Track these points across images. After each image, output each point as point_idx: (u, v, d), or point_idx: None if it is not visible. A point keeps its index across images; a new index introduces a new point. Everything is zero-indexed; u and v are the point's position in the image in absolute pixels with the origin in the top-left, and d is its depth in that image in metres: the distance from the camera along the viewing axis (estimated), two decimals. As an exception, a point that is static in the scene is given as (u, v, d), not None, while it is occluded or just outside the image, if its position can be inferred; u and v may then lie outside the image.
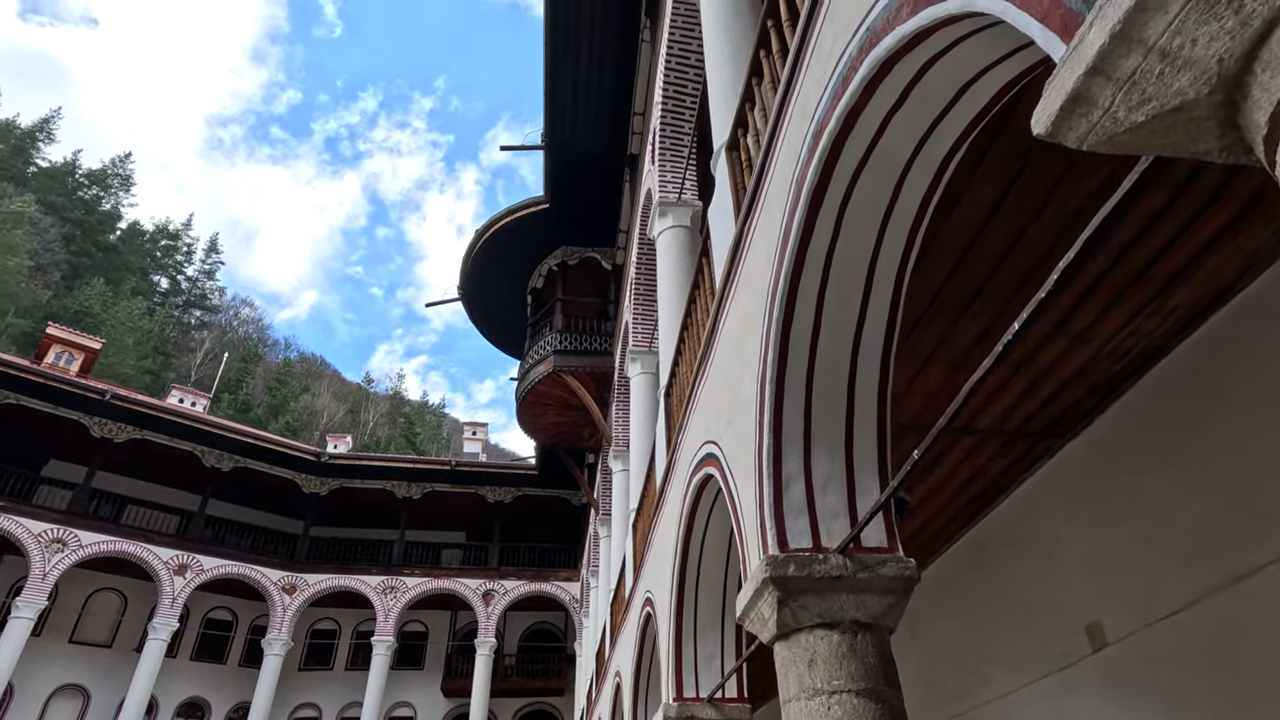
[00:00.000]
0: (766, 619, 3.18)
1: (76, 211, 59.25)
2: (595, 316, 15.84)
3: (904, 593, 3.12)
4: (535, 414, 16.50)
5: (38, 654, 20.27)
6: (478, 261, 16.62)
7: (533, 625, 26.95)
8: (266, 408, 55.45)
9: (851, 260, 3.17)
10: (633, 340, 11.15)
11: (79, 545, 19.35)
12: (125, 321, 46.06)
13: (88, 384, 20.91)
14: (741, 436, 3.81)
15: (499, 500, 24.48)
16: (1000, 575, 6.38)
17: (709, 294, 5.22)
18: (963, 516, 6.76)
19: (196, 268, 69.14)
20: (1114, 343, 4.72)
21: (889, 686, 2.95)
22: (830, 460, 3.34)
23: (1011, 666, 6.18)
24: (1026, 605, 6.06)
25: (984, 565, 6.58)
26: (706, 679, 5.64)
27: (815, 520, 3.27)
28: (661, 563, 6.53)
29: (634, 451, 10.38)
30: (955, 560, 7.13)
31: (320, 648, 25.24)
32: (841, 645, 2.99)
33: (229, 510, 23.61)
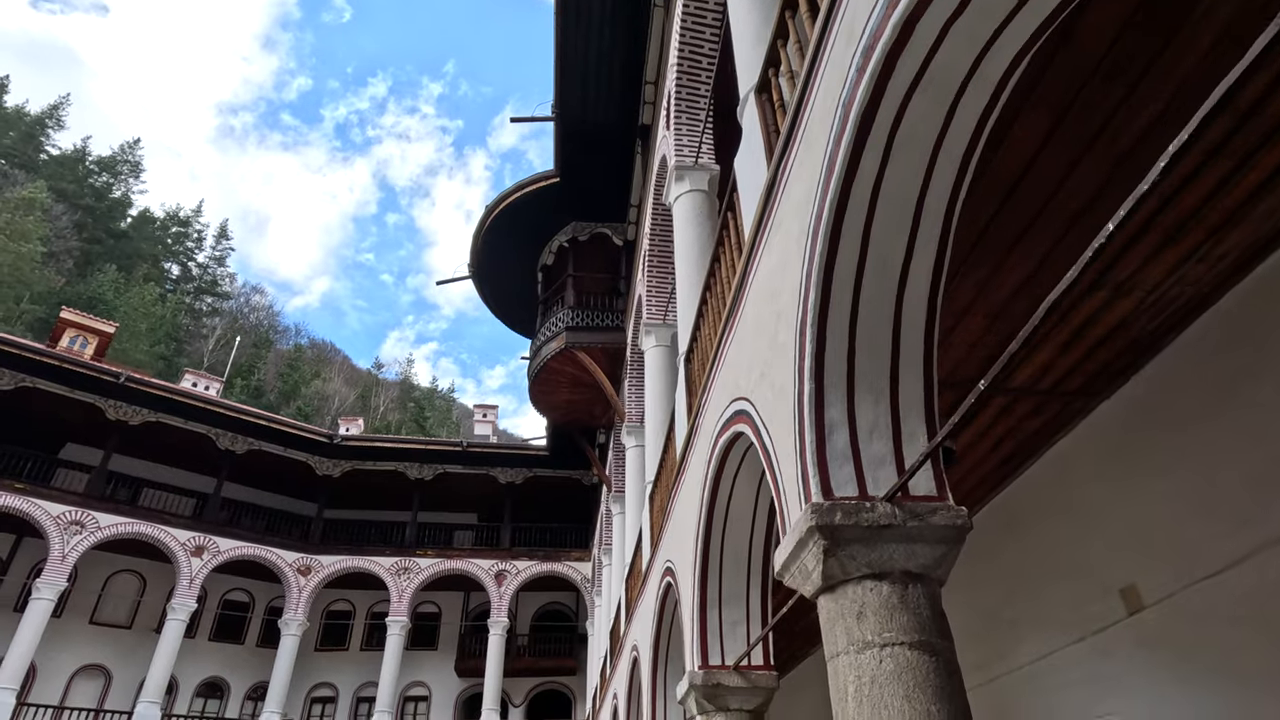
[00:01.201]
0: (810, 571, 3.04)
1: (87, 198, 59.34)
2: (607, 293, 15.66)
3: (956, 542, 2.97)
4: (547, 391, 16.38)
5: (59, 635, 20.46)
6: (488, 239, 16.44)
7: (544, 606, 27.01)
8: (279, 393, 55.67)
9: (900, 193, 2.99)
10: (646, 313, 10.98)
11: (97, 527, 19.45)
12: (138, 307, 46.19)
13: (102, 367, 20.94)
14: (777, 388, 3.65)
15: (510, 481, 24.46)
16: (1030, 540, 6.23)
17: (734, 250, 5.05)
18: (991, 480, 6.60)
19: (207, 254, 69.34)
20: (1159, 292, 4.53)
21: (942, 639, 2.81)
22: (875, 406, 3.18)
23: (1043, 632, 6.04)
24: (1058, 569, 5.91)
25: (1013, 530, 6.42)
26: (732, 647, 5.52)
27: (861, 468, 3.11)
28: (683, 531, 6.40)
29: (649, 425, 10.24)
30: (983, 525, 6.96)
31: (335, 628, 25.39)
32: (892, 596, 2.84)
33: (244, 493, 23.69)
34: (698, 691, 5.33)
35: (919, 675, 2.68)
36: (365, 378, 77.38)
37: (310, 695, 24.14)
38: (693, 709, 5.49)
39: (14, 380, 19.43)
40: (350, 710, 23.97)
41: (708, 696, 5.32)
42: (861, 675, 2.74)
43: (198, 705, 22.45)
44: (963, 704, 2.70)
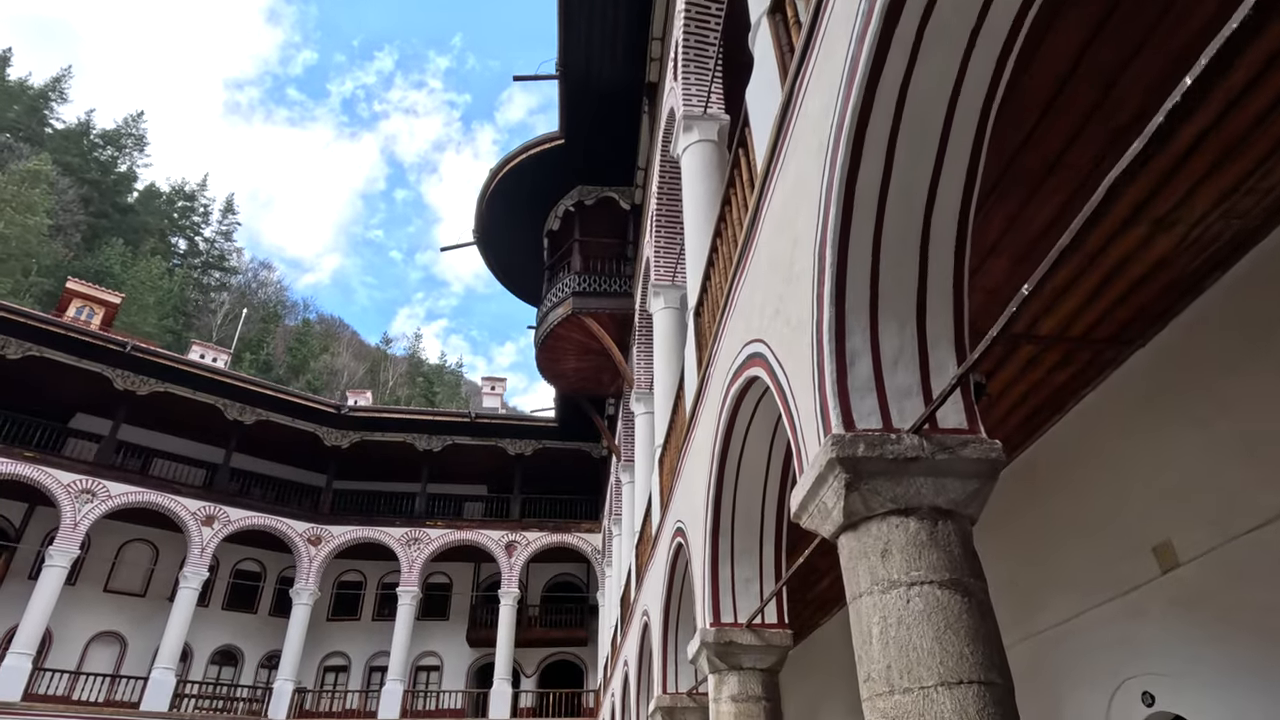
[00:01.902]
0: (830, 509, 2.82)
1: (93, 172, 59.20)
2: (614, 258, 15.37)
3: (989, 477, 2.74)
4: (554, 359, 16.16)
5: (74, 602, 20.66)
6: (493, 205, 16.15)
7: (555, 577, 27.08)
8: (287, 367, 55.80)
9: (929, 95, 2.72)
10: (655, 275, 10.72)
11: (108, 496, 19.51)
12: (145, 281, 46.20)
13: (109, 336, 20.91)
14: (794, 321, 3.41)
15: (519, 453, 24.38)
16: (1056, 499, 5.99)
17: (746, 188, 4.78)
18: (1014, 439, 6.35)
19: (214, 229, 69.19)
20: (1201, 227, 4.24)
21: (975, 579, 2.59)
22: (900, 333, 2.94)
23: (1069, 594, 5.83)
24: (1085, 529, 5.68)
25: (1036, 489, 6.18)
26: (745, 604, 5.34)
27: (885, 400, 2.88)
28: (693, 490, 6.20)
29: (658, 388, 10.03)
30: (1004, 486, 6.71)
31: (347, 598, 25.55)
32: (920, 533, 2.62)
33: (253, 463, 23.72)
34: (709, 650, 5.16)
35: (950, 616, 2.46)
36: (374, 353, 77.46)
37: (323, 664, 24.37)
38: (704, 668, 5.33)
39: (21, 349, 19.40)
40: (363, 679, 24.18)
41: (720, 655, 5.16)
42: (887, 616, 2.53)
43: (212, 672, 22.68)
44: (998, 647, 2.49)
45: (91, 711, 17.91)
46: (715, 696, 5.19)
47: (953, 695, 2.32)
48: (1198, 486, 4.75)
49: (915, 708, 2.35)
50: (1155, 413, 5.09)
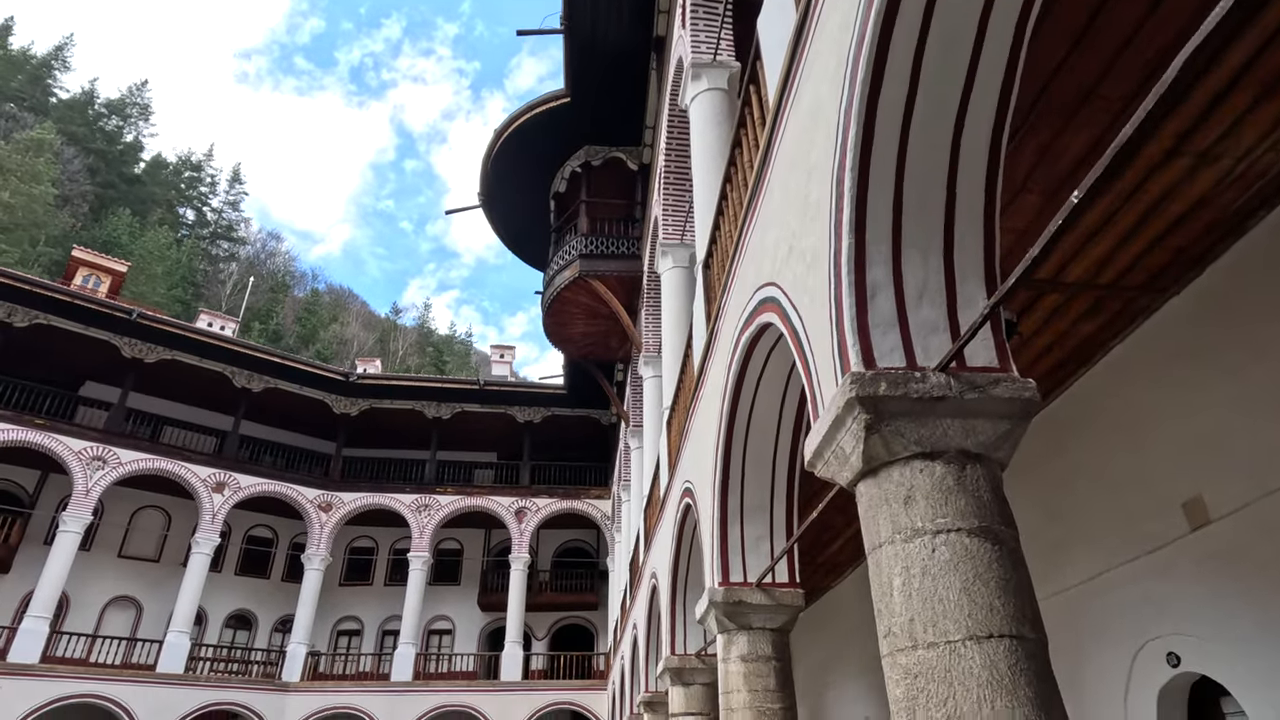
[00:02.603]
0: (848, 454, 2.62)
1: (98, 142, 58.88)
2: (622, 220, 15.06)
3: (1021, 418, 2.53)
4: (562, 323, 15.95)
5: (89, 567, 20.90)
6: (498, 165, 15.82)
7: (565, 543, 27.20)
8: (297, 337, 55.88)
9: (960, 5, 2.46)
10: (663, 233, 10.45)
11: (119, 462, 19.59)
12: (153, 251, 46.12)
13: (115, 303, 20.85)
14: (809, 257, 3.18)
15: (529, 420, 24.32)
16: (1079, 455, 5.77)
17: (757, 126, 4.51)
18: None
19: (221, 199, 68.90)
20: (1249, 160, 3.95)
21: (1006, 526, 2.39)
22: (925, 264, 2.71)
23: (1092, 553, 5.64)
24: (1110, 485, 5.47)
25: (1060, 445, 5.96)
26: (755, 563, 5.18)
27: (908, 336, 2.66)
28: (702, 448, 6.02)
29: (666, 349, 9.82)
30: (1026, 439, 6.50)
31: (359, 564, 25.77)
32: (947, 478, 2.42)
33: (263, 431, 23.77)
34: (718, 609, 5.02)
35: (979, 565, 2.27)
36: (383, 324, 77.51)
37: (336, 628, 24.67)
38: (713, 628, 5.20)
39: (28, 317, 19.36)
40: (376, 642, 24.47)
41: (729, 615, 5.01)
42: (910, 566, 2.34)
43: (227, 635, 23.00)
44: (1030, 599, 2.30)
45: (109, 673, 18.18)
46: (724, 657, 5.06)
47: (981, 650, 2.14)
48: (1232, 440, 4.52)
49: (940, 663, 2.17)
50: (1188, 363, 4.84)
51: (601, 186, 15.19)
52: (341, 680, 21.41)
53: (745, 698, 4.80)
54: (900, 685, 2.27)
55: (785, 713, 4.79)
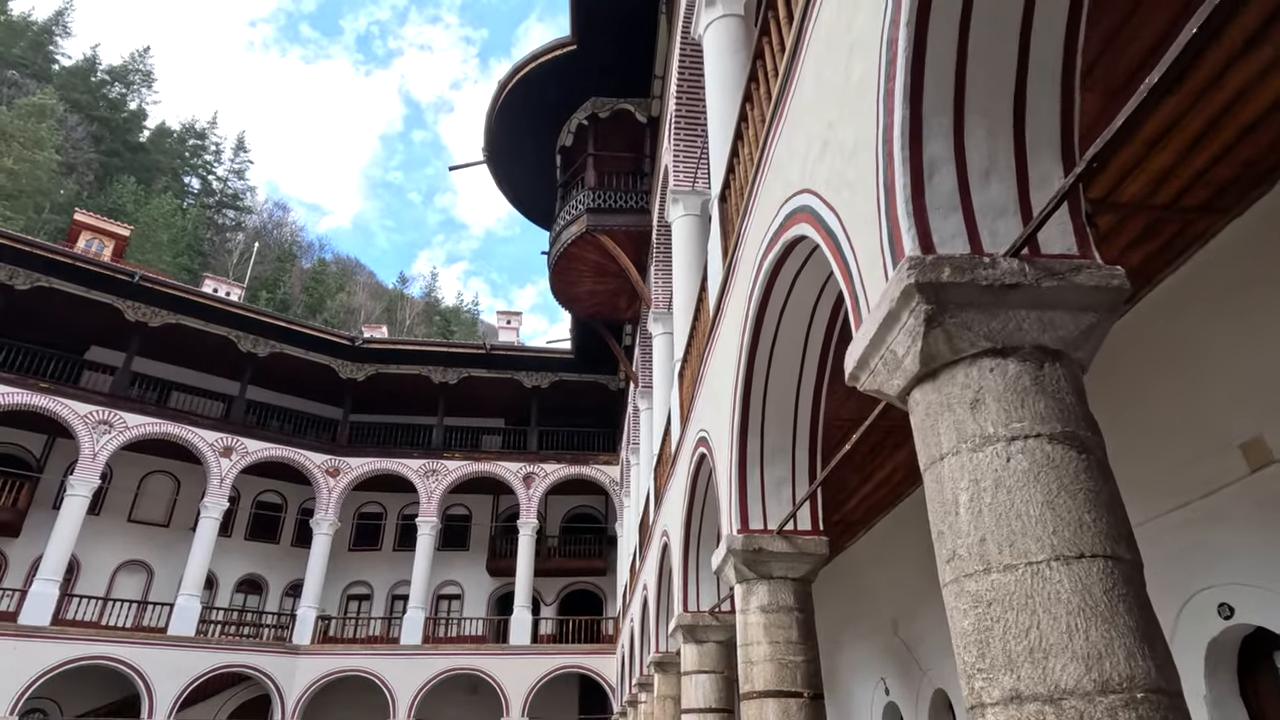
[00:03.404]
0: (901, 357, 2.26)
1: (102, 109, 58.30)
2: (630, 174, 14.56)
3: (1107, 311, 2.16)
4: (569, 281, 15.54)
5: (99, 532, 20.90)
6: (502, 119, 15.32)
7: (574, 509, 27.08)
8: (304, 306, 55.68)
9: None
10: (673, 181, 10.02)
11: (125, 426, 19.46)
12: (158, 218, 45.78)
13: (117, 266, 20.57)
14: (850, 146, 2.79)
15: (536, 385, 24.04)
16: (1126, 394, 5.39)
17: (784, 25, 4.08)
18: None
19: (226, 167, 68.34)
20: (1340, 52, 3.49)
21: (1091, 432, 2.04)
22: (992, 139, 2.32)
23: (1139, 497, 5.27)
24: (1158, 427, 5.10)
25: (1104, 384, 5.56)
26: (775, 509, 4.86)
27: (972, 219, 2.28)
28: (719, 392, 5.68)
29: (678, 301, 9.44)
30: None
31: (368, 529, 25.76)
32: (1022, 377, 2.06)
33: (269, 396, 23.60)
34: (737, 558, 4.71)
35: (1064, 475, 1.92)
36: (391, 294, 77.21)
37: (346, 592, 24.72)
38: (730, 577, 4.89)
39: (29, 280, 19.10)
40: (386, 606, 24.52)
41: (748, 563, 4.70)
42: (980, 479, 1.99)
43: (238, 600, 23.07)
44: (1124, 516, 1.95)
45: (121, 635, 18.22)
46: (743, 608, 4.77)
47: (1070, 572, 1.79)
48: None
49: (1020, 587, 1.83)
50: (1251, 292, 4.44)
51: (609, 139, 14.69)
52: (351, 643, 21.47)
53: (766, 650, 4.50)
54: (969, 615, 1.93)
55: (808, 665, 4.49)
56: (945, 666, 8.07)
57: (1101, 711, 1.64)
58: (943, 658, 8.11)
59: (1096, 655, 1.69)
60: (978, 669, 1.87)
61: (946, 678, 8.08)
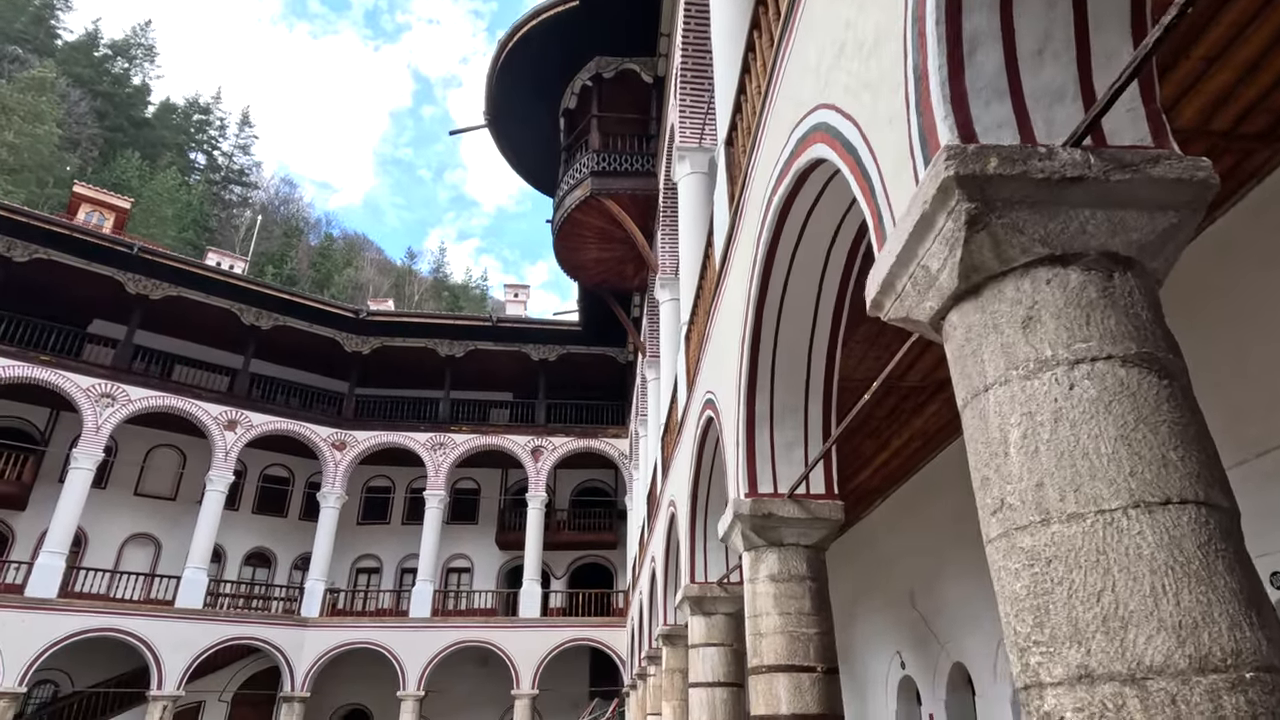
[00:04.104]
0: (936, 271, 1.89)
1: (105, 84, 57.86)
2: (635, 136, 14.08)
3: (1191, 211, 1.77)
4: (574, 248, 15.13)
5: (106, 505, 20.90)
6: (504, 80, 14.83)
7: (583, 482, 26.91)
8: (311, 282, 55.44)
9: None
10: (680, 138, 9.57)
11: (128, 400, 19.32)
12: (162, 193, 45.49)
13: (116, 238, 20.37)
14: (870, 39, 2.40)
15: (543, 358, 23.74)
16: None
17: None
18: None
19: (231, 143, 67.86)
20: None
21: (1172, 355, 1.66)
22: (1047, 10, 1.92)
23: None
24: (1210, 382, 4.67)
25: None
26: (786, 472, 4.52)
27: (1022, 105, 1.89)
28: (725, 351, 5.32)
29: (685, 261, 9.05)
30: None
31: (376, 502, 25.69)
32: (1087, 289, 1.68)
33: (274, 370, 23.40)
34: (744, 523, 4.38)
35: (1143, 404, 1.55)
36: (399, 270, 76.90)
37: (355, 566, 24.72)
38: (738, 544, 4.57)
39: (27, 252, 18.88)
40: (395, 580, 24.51)
41: (757, 529, 4.37)
42: (1036, 412, 1.62)
43: (246, 573, 23.08)
44: (1214, 454, 1.59)
45: (129, 608, 18.23)
46: (751, 576, 4.44)
47: (1154, 521, 1.44)
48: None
49: (1089, 541, 1.47)
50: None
51: (614, 101, 14.18)
52: (360, 616, 21.46)
53: (776, 621, 4.19)
54: (1022, 577, 1.57)
55: (822, 638, 4.18)
56: (965, 639, 7.77)
57: (1200, 695, 1.29)
58: (963, 630, 7.80)
59: (1191, 625, 1.34)
60: (1034, 641, 1.52)
61: (966, 651, 7.78)
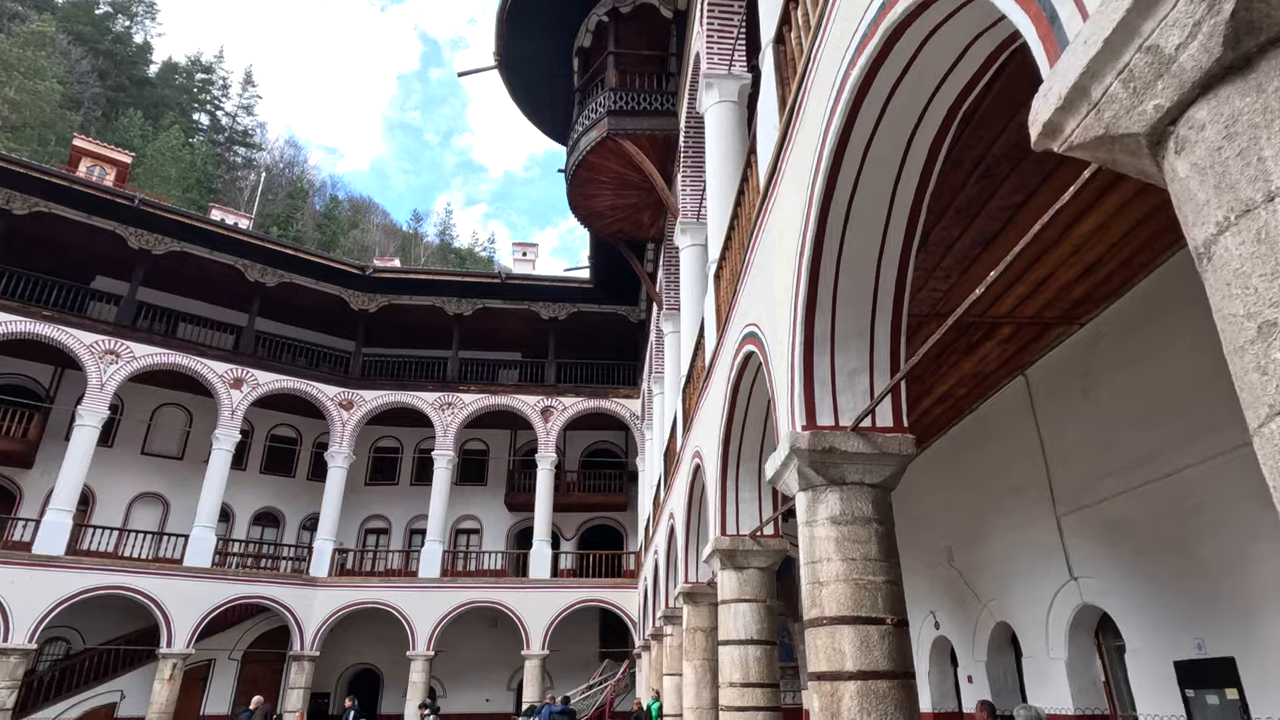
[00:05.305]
0: (1173, 50, 1.34)
1: (106, 42, 56.75)
2: (654, 74, 13.34)
3: None
4: (589, 195, 14.48)
5: (113, 464, 20.70)
6: (515, 18, 14.05)
7: (593, 444, 26.56)
8: (317, 244, 54.71)
9: None
10: (707, 65, 8.89)
11: (132, 357, 18.94)
12: (165, 152, 44.73)
13: (117, 190, 19.80)
14: None
15: (553, 317, 23.22)
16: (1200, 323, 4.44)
17: None
18: (1129, 269, 4.73)
19: (235, 102, 66.73)
20: None
21: None
22: None
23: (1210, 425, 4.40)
24: None
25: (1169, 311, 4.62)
26: (849, 403, 4.00)
27: None
28: (774, 274, 4.77)
29: (713, 199, 8.45)
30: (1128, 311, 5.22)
31: (384, 463, 25.43)
32: None
33: (280, 328, 22.99)
34: (802, 459, 3.87)
35: None
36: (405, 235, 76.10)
37: (364, 526, 24.53)
38: (792, 484, 4.07)
39: (27, 204, 18.36)
40: (404, 540, 24.32)
41: (816, 466, 3.87)
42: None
43: (255, 532, 22.92)
44: None
45: (138, 566, 18.04)
46: (808, 519, 3.95)
47: None
48: None
49: None
50: None
51: (631, 38, 13.41)
52: (369, 576, 21.30)
53: (839, 568, 3.70)
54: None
55: (891, 587, 3.70)
56: (1011, 598, 7.33)
57: None
58: (1008, 588, 7.36)
59: None
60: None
61: (1011, 609, 7.34)
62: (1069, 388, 6.30)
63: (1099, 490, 5.94)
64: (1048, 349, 6.46)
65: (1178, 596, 5.29)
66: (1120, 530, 5.79)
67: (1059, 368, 6.46)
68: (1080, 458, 6.21)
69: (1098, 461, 5.95)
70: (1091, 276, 5.13)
